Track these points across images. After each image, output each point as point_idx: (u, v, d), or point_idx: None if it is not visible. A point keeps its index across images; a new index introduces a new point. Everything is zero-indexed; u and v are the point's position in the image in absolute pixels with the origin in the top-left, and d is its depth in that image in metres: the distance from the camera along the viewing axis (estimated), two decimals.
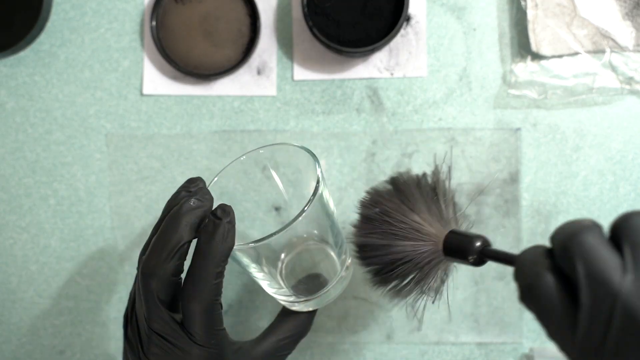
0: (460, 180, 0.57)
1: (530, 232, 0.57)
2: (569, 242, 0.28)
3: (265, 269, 0.45)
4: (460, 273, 0.56)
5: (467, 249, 0.40)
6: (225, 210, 0.39)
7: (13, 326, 0.60)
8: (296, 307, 0.47)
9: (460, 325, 0.57)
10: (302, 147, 0.45)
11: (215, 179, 0.46)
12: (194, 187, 0.42)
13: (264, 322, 0.58)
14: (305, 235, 0.47)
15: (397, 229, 0.42)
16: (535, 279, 0.29)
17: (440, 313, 0.57)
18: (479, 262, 0.40)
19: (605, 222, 0.57)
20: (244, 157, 0.47)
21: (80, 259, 0.59)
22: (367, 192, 0.47)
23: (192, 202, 0.40)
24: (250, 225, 0.51)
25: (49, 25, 0.59)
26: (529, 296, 0.30)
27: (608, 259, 0.27)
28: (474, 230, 0.43)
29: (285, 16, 0.58)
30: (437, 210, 0.44)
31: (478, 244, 0.39)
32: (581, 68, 0.56)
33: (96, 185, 0.59)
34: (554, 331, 0.29)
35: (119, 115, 0.59)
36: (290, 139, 0.58)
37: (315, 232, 0.47)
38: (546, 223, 0.57)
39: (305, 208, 0.40)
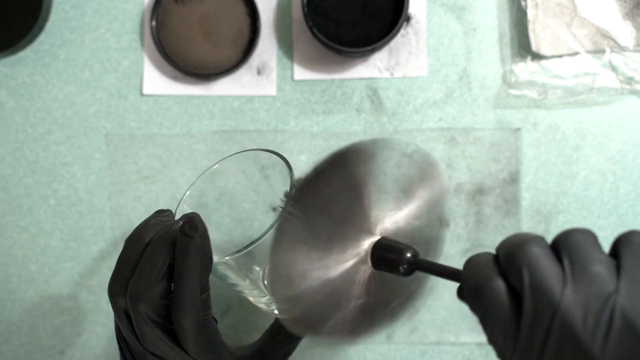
0: (460, 180, 0.57)
1: None
2: (515, 251, 0.29)
3: (246, 278, 0.44)
4: None
5: (397, 259, 0.37)
6: (193, 225, 0.37)
7: (13, 326, 0.60)
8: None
9: (460, 325, 0.57)
10: (275, 153, 0.43)
11: (188, 192, 0.45)
12: (164, 218, 0.41)
13: (264, 322, 0.58)
14: None
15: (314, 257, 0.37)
16: (485, 282, 0.30)
17: (440, 313, 0.57)
18: (409, 272, 0.38)
19: (606, 222, 0.57)
20: (216, 165, 0.46)
21: (80, 259, 0.59)
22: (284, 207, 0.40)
23: (179, 224, 0.39)
24: (249, 226, 0.51)
25: (49, 25, 0.59)
26: (477, 298, 0.30)
27: (551, 270, 0.28)
28: (475, 232, 0.42)
29: (285, 16, 0.58)
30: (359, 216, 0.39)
31: (409, 254, 0.37)
32: (581, 68, 0.56)
33: (96, 185, 0.59)
34: (497, 336, 0.30)
35: (119, 115, 0.59)
36: (290, 139, 0.58)
37: None
38: (546, 223, 0.57)
39: (281, 216, 0.38)
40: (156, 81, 0.59)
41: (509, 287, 0.30)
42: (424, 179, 0.40)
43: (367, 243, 0.39)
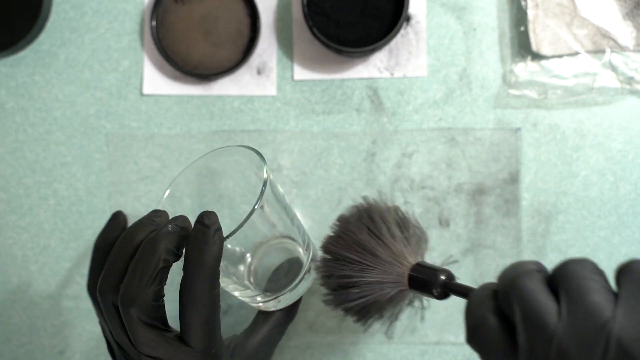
0: (460, 180, 0.57)
1: (530, 232, 0.57)
2: (509, 286, 0.30)
3: (231, 274, 0.44)
4: (460, 273, 0.56)
5: (431, 282, 0.40)
6: (212, 217, 0.38)
7: (13, 326, 0.60)
8: (272, 307, 0.48)
9: (460, 325, 0.57)
10: (250, 148, 0.44)
11: (168, 191, 0.45)
12: (158, 219, 0.41)
13: None
14: (268, 235, 0.46)
15: (364, 265, 0.43)
16: (479, 321, 0.30)
17: (440, 313, 0.57)
18: (443, 295, 0.40)
19: (606, 222, 0.57)
20: (195, 163, 0.46)
21: (80, 259, 0.59)
22: (335, 225, 0.47)
23: (170, 227, 0.39)
24: None
25: (49, 25, 0.59)
26: (474, 338, 0.31)
27: (544, 304, 0.28)
28: (474, 232, 0.43)
29: (285, 16, 0.58)
30: (402, 242, 0.44)
31: (443, 277, 0.39)
32: (581, 68, 0.56)
33: (96, 185, 0.59)
34: None
35: (119, 115, 0.59)
36: (290, 139, 0.58)
37: (278, 229, 0.46)
38: (546, 223, 0.57)
39: (255, 206, 0.40)
40: (156, 81, 0.59)
41: (505, 322, 0.30)
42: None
43: (407, 267, 0.42)
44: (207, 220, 0.38)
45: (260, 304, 0.48)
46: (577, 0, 0.55)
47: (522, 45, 0.57)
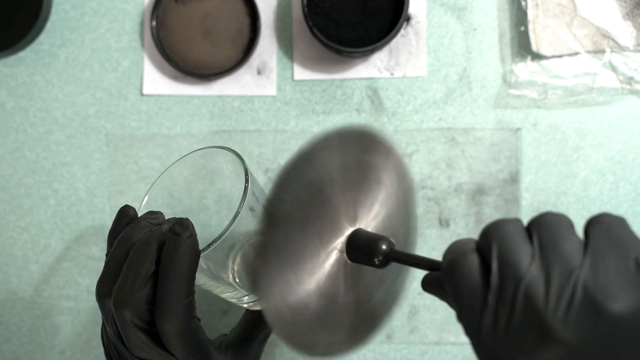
0: (460, 180, 0.57)
1: None
2: (489, 228, 0.30)
3: (217, 277, 0.44)
4: None
5: (373, 251, 0.37)
6: (184, 225, 0.37)
7: (13, 326, 0.60)
8: (259, 306, 0.47)
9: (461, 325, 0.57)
10: (230, 150, 0.43)
11: (146, 198, 0.45)
12: (154, 220, 0.41)
13: None
14: (248, 234, 0.46)
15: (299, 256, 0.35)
16: (459, 255, 0.31)
17: (440, 313, 0.57)
18: (384, 264, 0.37)
19: None
20: (174, 164, 0.45)
21: (80, 258, 0.59)
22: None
23: (164, 228, 0.38)
24: None
25: (49, 25, 0.59)
26: (451, 270, 0.31)
27: (520, 246, 0.29)
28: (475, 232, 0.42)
29: (285, 16, 0.58)
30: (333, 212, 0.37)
31: (384, 246, 0.37)
32: (581, 68, 0.56)
33: (96, 185, 0.59)
34: (466, 310, 0.30)
35: (119, 115, 0.59)
36: (290, 139, 0.58)
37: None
38: None
39: (235, 217, 0.39)
40: (156, 81, 0.59)
41: (483, 264, 0.30)
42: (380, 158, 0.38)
43: (344, 237, 0.38)
44: (179, 228, 0.37)
45: (248, 304, 0.47)
46: (577, 0, 0.55)
47: (522, 45, 0.57)
